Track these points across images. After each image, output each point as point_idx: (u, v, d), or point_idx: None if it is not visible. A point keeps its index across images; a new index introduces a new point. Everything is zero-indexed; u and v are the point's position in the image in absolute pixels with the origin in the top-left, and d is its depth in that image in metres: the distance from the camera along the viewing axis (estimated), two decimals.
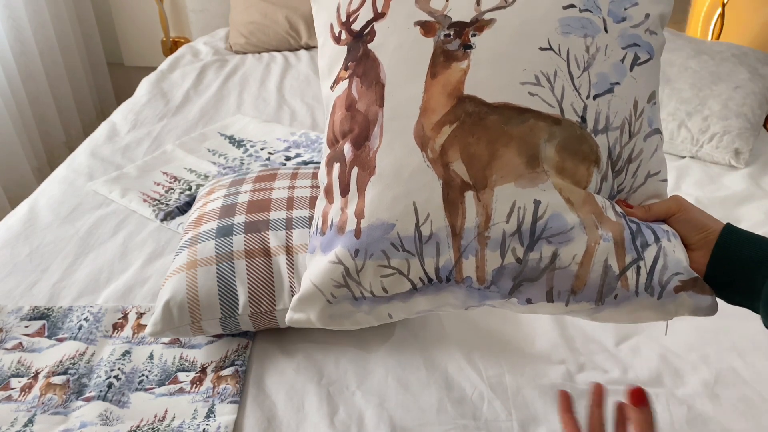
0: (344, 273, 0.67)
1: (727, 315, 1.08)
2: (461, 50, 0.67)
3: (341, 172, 0.71)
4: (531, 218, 0.63)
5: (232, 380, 0.96)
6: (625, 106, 0.67)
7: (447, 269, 0.65)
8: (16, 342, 1.04)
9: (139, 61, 2.77)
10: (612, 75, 0.67)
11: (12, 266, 1.22)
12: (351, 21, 0.74)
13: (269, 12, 2.23)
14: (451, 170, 0.64)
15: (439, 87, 0.66)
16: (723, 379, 0.97)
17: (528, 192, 0.63)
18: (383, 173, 0.66)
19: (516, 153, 0.63)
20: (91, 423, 0.89)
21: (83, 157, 1.59)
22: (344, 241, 0.67)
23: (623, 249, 0.63)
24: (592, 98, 0.65)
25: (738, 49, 1.80)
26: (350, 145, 0.70)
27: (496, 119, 0.64)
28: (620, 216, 0.65)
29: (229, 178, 1.25)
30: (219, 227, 1.05)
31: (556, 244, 0.63)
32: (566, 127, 0.64)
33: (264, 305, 0.98)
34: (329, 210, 0.72)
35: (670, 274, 0.63)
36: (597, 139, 0.65)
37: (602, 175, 0.66)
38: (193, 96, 1.93)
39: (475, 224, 0.63)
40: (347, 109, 0.71)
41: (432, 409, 0.92)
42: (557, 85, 0.65)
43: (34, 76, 2.30)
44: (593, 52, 0.67)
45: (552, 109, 0.64)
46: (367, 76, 0.70)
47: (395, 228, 0.65)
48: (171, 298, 0.96)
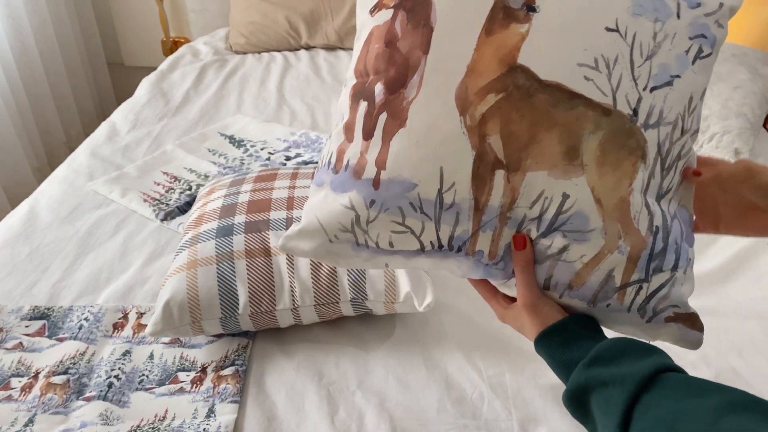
0: (354, 220, 0.65)
1: (727, 315, 1.09)
2: (524, 11, 0.61)
3: (368, 114, 0.65)
4: (555, 210, 0.61)
5: (233, 380, 0.96)
6: (681, 101, 0.63)
7: (461, 240, 0.63)
8: (16, 342, 1.04)
9: (139, 61, 2.78)
10: (674, 67, 0.62)
11: (12, 266, 1.22)
12: None
13: (269, 12, 2.23)
14: (486, 143, 0.60)
15: (492, 48, 0.60)
16: (723, 379, 0.97)
17: (559, 183, 0.60)
18: (414, 129, 0.62)
19: (557, 140, 0.60)
20: (92, 423, 0.89)
21: (83, 157, 1.59)
22: (360, 188, 0.64)
23: (634, 266, 0.61)
24: (649, 90, 0.61)
25: (738, 49, 1.80)
26: (383, 86, 0.64)
27: (544, 99, 0.59)
28: (652, 231, 0.61)
29: (230, 178, 1.25)
30: (219, 227, 1.05)
31: (570, 240, 0.61)
32: (615, 119, 0.60)
33: (264, 305, 0.98)
34: (346, 148, 0.66)
35: (667, 304, 0.63)
36: (647, 133, 0.61)
37: (649, 172, 0.62)
38: (193, 96, 1.93)
39: (499, 203, 0.61)
40: (386, 44, 0.65)
41: (432, 408, 0.92)
42: (615, 72, 0.60)
43: (34, 76, 2.30)
44: (660, 39, 0.62)
45: (605, 98, 0.60)
46: (416, 13, 0.63)
47: (417, 188, 0.62)
48: (171, 297, 0.96)
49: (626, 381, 0.53)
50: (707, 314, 1.09)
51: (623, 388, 0.53)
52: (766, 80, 1.70)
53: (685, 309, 0.64)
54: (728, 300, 1.12)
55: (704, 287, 1.15)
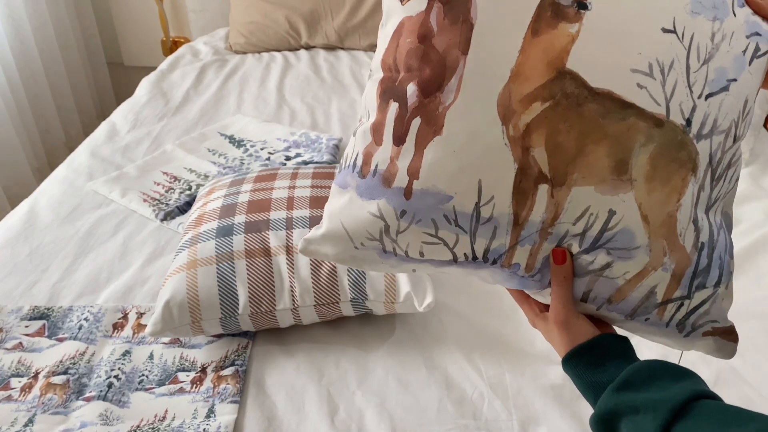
0: (383, 229, 0.60)
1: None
2: (575, 8, 0.55)
3: (399, 116, 0.59)
4: (600, 227, 0.57)
5: (233, 380, 0.96)
6: (736, 106, 0.59)
7: (497, 253, 0.59)
8: (16, 342, 1.04)
9: (139, 60, 2.77)
10: (731, 70, 0.58)
11: (12, 266, 1.22)
12: None
13: (269, 12, 2.23)
14: (530, 156, 0.56)
15: (539, 50, 0.55)
16: (723, 378, 0.97)
17: (606, 199, 0.57)
18: (452, 137, 0.57)
19: (606, 154, 0.55)
20: (92, 423, 0.89)
21: (83, 157, 1.59)
22: (391, 197, 0.59)
23: (677, 284, 0.59)
24: (704, 98, 0.57)
25: None
26: (416, 87, 0.58)
27: (594, 109, 0.55)
28: (697, 248, 0.59)
29: (229, 177, 1.25)
30: (219, 227, 1.05)
31: (614, 257, 0.58)
32: (667, 131, 0.56)
33: (264, 305, 0.98)
34: (375, 152, 0.61)
35: (707, 319, 0.61)
36: (699, 144, 0.57)
37: (699, 184, 0.58)
38: (193, 96, 1.93)
39: (540, 219, 0.57)
40: (420, 40, 0.58)
41: (432, 409, 0.92)
42: (670, 78, 0.56)
43: (34, 75, 2.30)
44: (718, 40, 0.57)
45: (658, 108, 0.55)
46: (454, 6, 0.57)
47: (452, 201, 0.57)
48: (171, 297, 0.96)
49: (658, 408, 0.51)
50: None
51: (655, 416, 0.50)
52: None
53: (724, 323, 0.62)
54: None
55: None
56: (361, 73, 2.07)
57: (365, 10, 2.21)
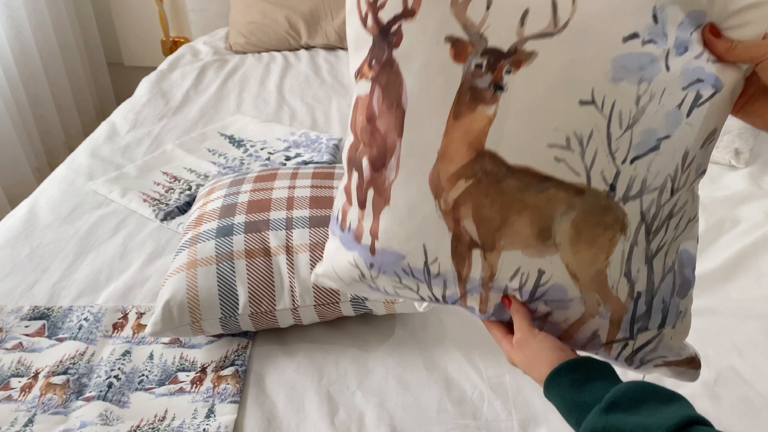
0: (360, 275, 0.70)
1: (728, 315, 1.09)
2: (491, 90, 0.58)
3: (359, 185, 0.68)
4: (533, 283, 0.62)
5: (233, 380, 0.96)
6: (671, 161, 0.59)
7: (453, 298, 0.67)
8: (16, 342, 1.04)
9: (139, 60, 2.77)
10: (662, 129, 0.58)
11: (12, 266, 1.22)
12: (379, 5, 0.63)
13: (269, 12, 2.23)
14: (461, 226, 0.62)
15: (460, 132, 0.60)
16: (723, 379, 0.97)
17: (534, 261, 0.61)
18: (397, 208, 0.64)
19: (528, 223, 0.60)
20: (91, 423, 0.89)
21: (83, 156, 1.59)
22: (361, 251, 0.68)
23: (617, 328, 0.63)
24: (629, 162, 0.58)
25: None
26: (368, 163, 0.66)
27: (513, 184, 0.59)
28: (633, 298, 0.62)
29: (229, 177, 1.25)
30: (219, 227, 1.05)
31: (552, 307, 0.63)
32: (589, 198, 0.59)
33: (264, 305, 0.98)
34: (348, 210, 0.70)
35: (655, 355, 0.65)
36: (627, 205, 0.59)
37: (631, 241, 0.60)
38: (192, 96, 1.93)
39: (480, 276, 0.63)
40: (368, 120, 0.66)
41: (432, 409, 0.92)
42: (590, 149, 0.58)
43: (34, 75, 2.30)
44: (644, 103, 0.57)
45: (577, 178, 0.58)
46: (389, 92, 0.63)
47: (406, 259, 0.65)
48: (171, 297, 0.96)
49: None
50: (707, 314, 1.09)
51: None
52: None
53: (677, 356, 0.65)
54: (728, 300, 1.12)
55: (704, 287, 1.15)
56: None
57: None
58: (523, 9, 0.57)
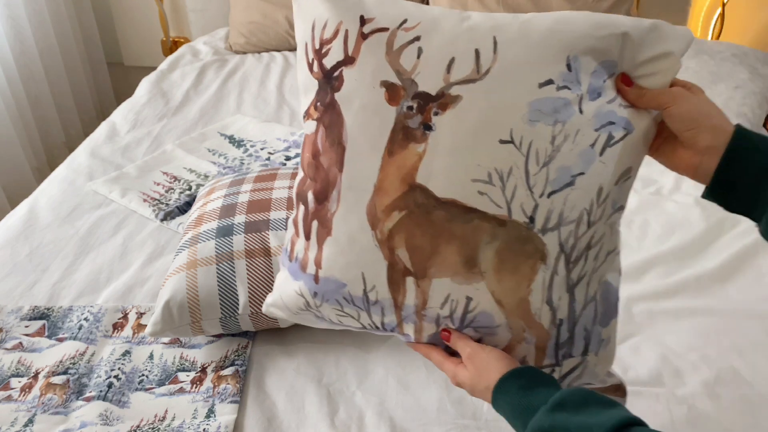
0: (305, 304, 0.75)
1: (728, 315, 1.09)
2: (421, 130, 0.65)
3: (304, 217, 0.74)
4: (462, 310, 0.67)
5: (233, 380, 0.96)
6: (585, 196, 0.64)
7: (390, 326, 0.72)
8: (16, 342, 1.04)
9: (139, 60, 2.77)
10: (576, 166, 0.64)
11: (12, 266, 1.22)
12: (323, 53, 0.70)
13: (269, 12, 2.23)
14: (396, 255, 0.67)
15: (394, 168, 0.66)
16: (723, 378, 0.97)
17: (462, 288, 0.66)
18: (338, 239, 0.70)
19: (456, 251, 0.65)
20: (92, 423, 0.89)
21: (83, 157, 1.59)
22: (306, 280, 0.73)
23: (543, 354, 0.67)
24: (546, 196, 0.64)
25: (738, 49, 1.80)
26: (313, 196, 0.72)
27: (441, 215, 0.65)
28: (555, 324, 0.66)
29: (229, 177, 1.25)
30: (219, 227, 1.05)
31: (481, 333, 0.68)
32: (511, 229, 0.64)
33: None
34: (296, 242, 0.76)
35: (581, 382, 0.69)
36: (546, 237, 0.64)
37: (552, 271, 0.65)
38: (192, 96, 1.93)
39: (413, 303, 0.68)
40: (313, 156, 0.72)
41: (432, 408, 0.92)
42: (509, 184, 0.64)
43: (34, 75, 2.30)
44: (559, 142, 0.63)
45: (499, 210, 0.64)
46: (332, 131, 0.70)
47: (347, 287, 0.70)
48: (171, 298, 0.96)
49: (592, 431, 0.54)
50: (707, 314, 1.09)
51: None
52: (766, 80, 1.70)
53: (602, 383, 0.71)
54: (728, 300, 1.12)
55: (704, 287, 1.15)
56: None
57: None
58: (449, 57, 0.64)
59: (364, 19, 0.68)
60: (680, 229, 1.30)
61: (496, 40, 0.64)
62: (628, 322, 1.08)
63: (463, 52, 0.64)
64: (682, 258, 1.23)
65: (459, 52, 0.64)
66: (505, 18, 0.66)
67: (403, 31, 0.66)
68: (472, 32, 0.65)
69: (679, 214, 1.35)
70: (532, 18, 0.65)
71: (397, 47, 0.66)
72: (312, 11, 0.72)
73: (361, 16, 0.68)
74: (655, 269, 1.20)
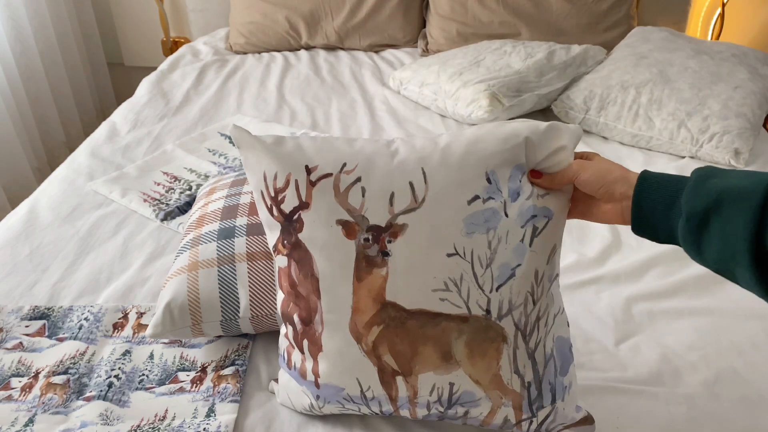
0: (311, 405, 0.86)
1: (727, 315, 1.09)
2: (380, 257, 0.74)
3: (294, 336, 0.83)
4: (448, 393, 0.78)
5: (233, 380, 0.96)
6: (526, 281, 0.75)
7: (389, 412, 0.82)
8: (16, 342, 1.04)
9: (140, 61, 2.78)
10: (513, 260, 0.74)
11: (12, 266, 1.22)
12: (280, 200, 0.79)
13: (269, 12, 2.23)
14: (383, 361, 0.77)
15: (365, 291, 0.76)
16: (723, 378, 0.97)
17: (444, 377, 0.77)
18: (330, 353, 0.79)
19: (432, 350, 0.76)
20: (92, 422, 0.89)
21: (83, 157, 1.59)
22: (307, 386, 0.84)
23: (520, 411, 0.78)
24: (495, 290, 0.74)
25: (738, 49, 1.80)
26: (299, 319, 0.81)
27: (414, 323, 0.75)
28: (525, 387, 0.77)
29: (231, 177, 1.25)
30: (221, 229, 1.05)
31: (467, 407, 0.79)
32: (473, 322, 0.75)
33: (265, 308, 0.97)
34: (291, 352, 0.85)
35: (555, 424, 0.81)
36: (503, 321, 0.75)
37: (513, 347, 0.76)
38: (193, 96, 1.93)
39: (406, 395, 0.79)
40: (290, 286, 0.81)
41: None
42: (463, 287, 0.74)
43: (35, 76, 2.30)
44: (495, 245, 0.74)
45: (460, 309, 0.74)
46: (303, 265, 0.78)
47: (345, 390, 0.81)
48: (172, 300, 0.96)
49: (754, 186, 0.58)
50: (707, 314, 1.09)
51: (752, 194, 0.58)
52: (766, 80, 1.70)
53: (572, 420, 0.82)
54: (728, 300, 1.13)
55: (704, 287, 1.15)
56: (362, 73, 2.07)
57: (365, 11, 2.21)
58: (390, 192, 0.75)
59: (309, 168, 0.77)
60: None
61: (424, 171, 0.74)
62: (628, 322, 1.08)
63: (400, 186, 0.74)
64: (682, 258, 1.23)
65: (396, 187, 0.75)
66: (425, 147, 0.76)
67: (345, 174, 0.76)
68: (403, 167, 0.75)
69: None
70: (450, 143, 0.76)
71: (343, 189, 0.76)
72: (259, 164, 0.80)
73: (306, 165, 0.77)
74: (655, 269, 1.20)
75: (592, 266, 1.21)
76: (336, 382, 0.80)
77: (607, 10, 2.10)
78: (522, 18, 2.10)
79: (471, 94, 1.67)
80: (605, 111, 1.66)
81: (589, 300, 1.13)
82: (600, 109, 1.66)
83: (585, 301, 1.12)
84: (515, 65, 1.76)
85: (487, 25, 2.12)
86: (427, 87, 1.80)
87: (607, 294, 1.14)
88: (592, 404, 0.90)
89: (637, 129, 1.62)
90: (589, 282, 1.17)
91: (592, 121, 1.68)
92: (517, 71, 1.72)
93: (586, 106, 1.68)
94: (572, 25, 2.09)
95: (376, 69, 2.10)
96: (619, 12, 2.11)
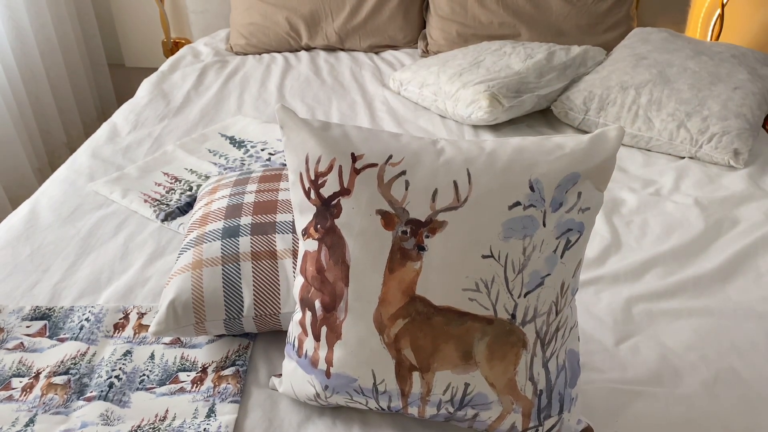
0: (316, 394, 0.86)
1: (728, 315, 1.09)
2: (416, 250, 0.76)
3: (313, 322, 0.84)
4: (461, 393, 0.79)
5: (233, 380, 0.96)
6: (552, 292, 0.78)
7: (396, 408, 0.83)
8: (17, 342, 1.05)
9: (140, 61, 2.78)
10: (543, 269, 0.77)
11: (13, 266, 1.22)
12: (320, 184, 0.80)
13: (269, 13, 2.23)
14: (402, 354, 0.79)
15: (395, 282, 0.77)
16: (722, 379, 0.97)
17: (461, 377, 0.78)
18: (348, 342, 0.80)
19: (454, 348, 0.77)
20: (92, 423, 0.89)
21: (84, 157, 1.59)
22: (317, 375, 0.84)
23: (528, 419, 0.80)
24: (523, 296, 0.76)
25: (737, 49, 1.81)
26: (321, 305, 0.82)
27: (440, 320, 0.77)
28: (537, 395, 0.79)
29: (233, 176, 1.24)
30: (225, 227, 1.05)
31: (478, 409, 0.80)
32: (497, 325, 0.77)
33: (269, 308, 0.98)
34: (304, 339, 0.86)
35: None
36: (525, 328, 0.77)
37: (531, 354, 0.78)
38: (193, 97, 1.94)
39: (419, 392, 0.80)
40: (317, 271, 0.82)
41: None
42: (493, 290, 0.76)
43: (35, 76, 2.30)
44: (529, 252, 0.76)
45: (487, 311, 0.76)
46: (335, 251, 0.80)
47: (358, 381, 0.81)
48: (176, 297, 0.96)
49: None
50: (707, 314, 1.10)
51: None
52: (766, 81, 1.70)
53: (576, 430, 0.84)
54: (728, 300, 1.13)
55: (704, 287, 1.16)
56: (362, 74, 2.07)
57: (365, 11, 2.21)
58: (433, 189, 0.76)
59: (355, 156, 0.78)
60: (679, 230, 1.31)
61: (469, 172, 0.76)
62: (627, 322, 1.08)
63: (444, 183, 0.76)
64: (681, 258, 1.23)
65: (440, 184, 0.76)
66: (472, 150, 0.79)
67: (390, 166, 0.78)
68: (449, 165, 0.77)
69: (678, 214, 1.35)
70: (496, 148, 0.78)
71: (387, 180, 0.77)
72: (303, 145, 0.82)
73: (352, 153, 0.79)
74: (654, 269, 1.21)
75: (592, 266, 1.22)
76: (350, 371, 0.81)
77: (607, 11, 2.10)
78: (522, 19, 2.10)
79: (471, 95, 1.67)
80: (605, 112, 1.66)
81: (588, 300, 1.13)
82: (599, 110, 1.67)
83: (585, 301, 1.13)
84: (515, 66, 1.76)
85: (487, 26, 2.12)
86: (427, 88, 1.80)
87: (607, 294, 1.15)
88: (592, 404, 0.91)
89: (636, 129, 1.62)
90: (589, 282, 1.17)
91: (592, 122, 1.68)
92: (516, 72, 1.72)
93: (585, 106, 1.68)
94: (572, 26, 2.09)
95: (376, 70, 2.11)
96: (618, 13, 2.11)
